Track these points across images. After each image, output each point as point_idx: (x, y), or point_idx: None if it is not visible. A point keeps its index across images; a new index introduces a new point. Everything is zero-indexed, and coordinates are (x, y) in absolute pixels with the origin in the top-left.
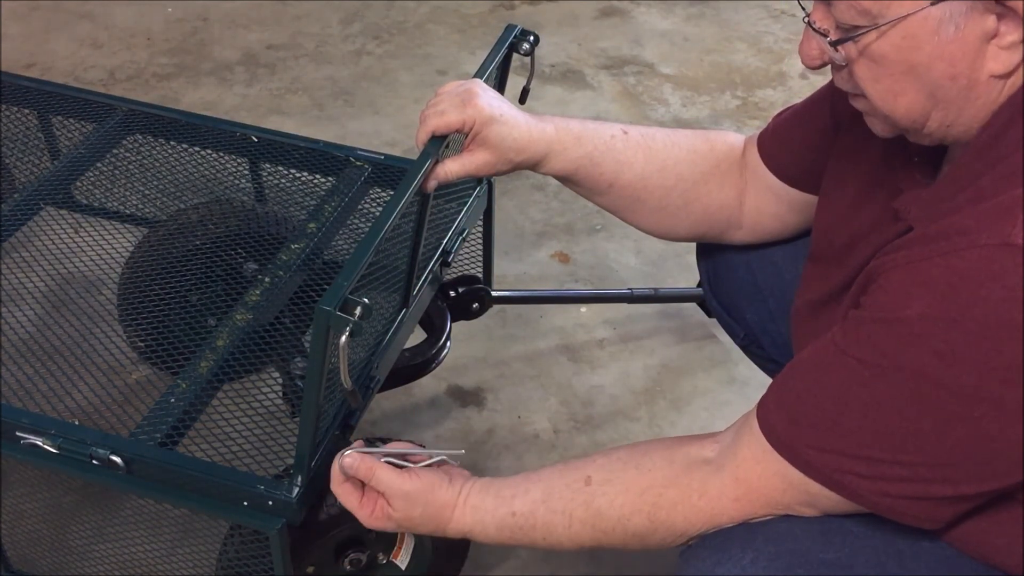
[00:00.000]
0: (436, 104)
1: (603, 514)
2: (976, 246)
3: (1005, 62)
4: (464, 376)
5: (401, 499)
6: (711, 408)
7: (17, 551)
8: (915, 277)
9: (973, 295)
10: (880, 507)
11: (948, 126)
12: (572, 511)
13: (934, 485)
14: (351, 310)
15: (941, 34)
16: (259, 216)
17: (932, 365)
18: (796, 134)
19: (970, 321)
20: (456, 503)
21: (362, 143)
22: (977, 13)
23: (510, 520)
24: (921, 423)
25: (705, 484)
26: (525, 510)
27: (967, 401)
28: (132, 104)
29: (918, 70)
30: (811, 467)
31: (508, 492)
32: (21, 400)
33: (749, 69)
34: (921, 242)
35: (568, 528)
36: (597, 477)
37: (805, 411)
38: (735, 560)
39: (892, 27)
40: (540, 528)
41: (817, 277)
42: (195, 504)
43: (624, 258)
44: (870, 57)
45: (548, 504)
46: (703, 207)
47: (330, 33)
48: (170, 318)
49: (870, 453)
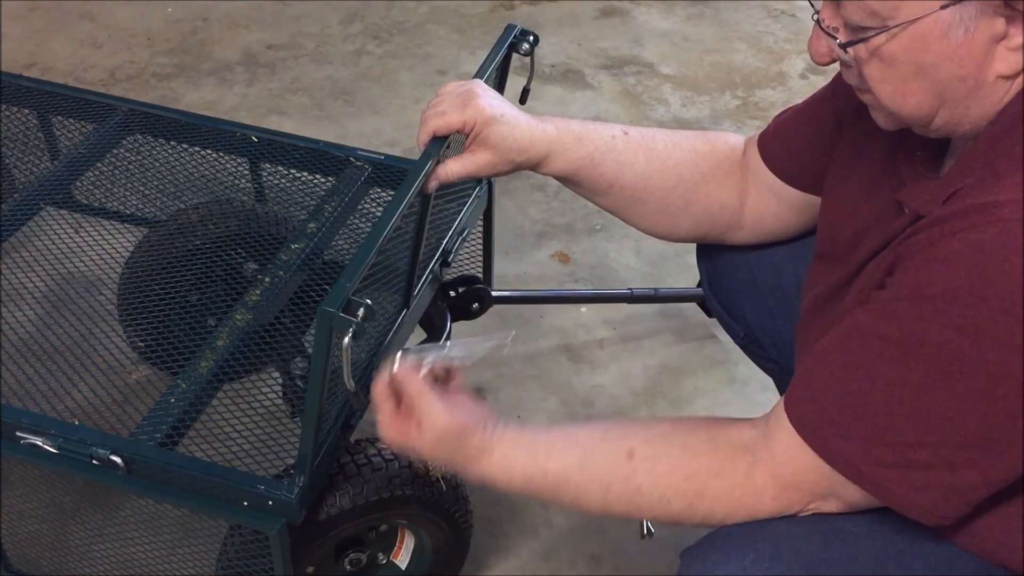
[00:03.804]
0: (437, 105)
1: (643, 492)
2: (998, 220)
3: (1013, 63)
4: (464, 376)
5: (434, 433)
6: (711, 408)
7: (17, 551)
8: (938, 254)
9: (997, 269)
10: (904, 504)
11: (955, 124)
12: (610, 483)
13: (957, 470)
14: (354, 311)
15: (951, 36)
16: (259, 216)
17: (956, 341)
18: (797, 134)
19: (993, 296)
20: (483, 446)
21: (362, 143)
22: (987, 16)
23: (540, 480)
24: (945, 401)
25: (749, 479)
26: (559, 471)
27: (990, 378)
28: (132, 104)
29: (927, 71)
30: (838, 458)
31: (542, 449)
32: (21, 400)
33: (749, 69)
34: (940, 222)
35: (604, 496)
36: (641, 452)
37: (831, 398)
38: (736, 561)
39: (903, 29)
40: (572, 491)
41: (823, 274)
42: (195, 504)
43: (624, 258)
44: (880, 58)
45: (586, 471)
46: (704, 208)
47: (330, 33)
48: (170, 318)
49: (895, 436)
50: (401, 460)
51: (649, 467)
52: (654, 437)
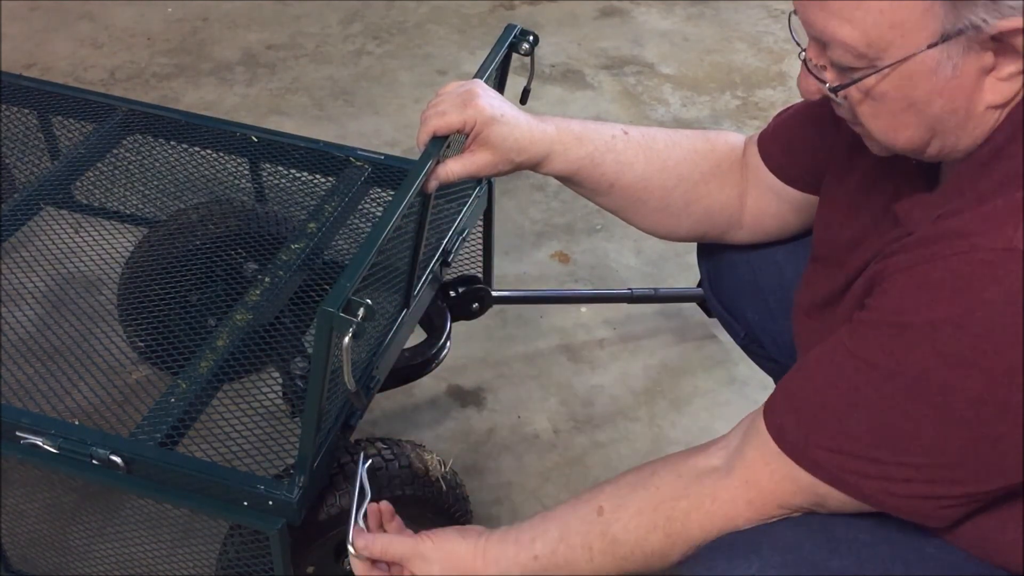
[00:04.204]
0: (437, 105)
1: (619, 540)
2: (978, 249)
3: (1004, 93)
4: (464, 376)
5: (419, 559)
6: (711, 408)
7: (17, 551)
8: (919, 280)
9: (976, 298)
10: (887, 506)
11: (947, 152)
12: (591, 544)
13: (941, 486)
14: (354, 311)
15: (939, 73)
16: (259, 216)
17: (938, 368)
18: (796, 134)
19: (973, 324)
20: (476, 556)
21: (362, 143)
22: (973, 51)
23: (533, 564)
24: (928, 425)
25: (716, 489)
26: (546, 551)
27: (973, 404)
28: (132, 104)
29: (918, 106)
30: (819, 467)
31: (527, 536)
32: (21, 400)
33: (749, 69)
34: (923, 244)
35: (590, 561)
36: (608, 505)
37: (813, 412)
38: (742, 568)
39: (892, 70)
40: (564, 567)
41: (819, 277)
42: (195, 504)
43: (624, 258)
44: (870, 96)
45: (567, 541)
46: (704, 207)
47: (330, 33)
48: (170, 318)
49: (877, 455)
50: (401, 460)
51: (619, 515)
52: (619, 488)
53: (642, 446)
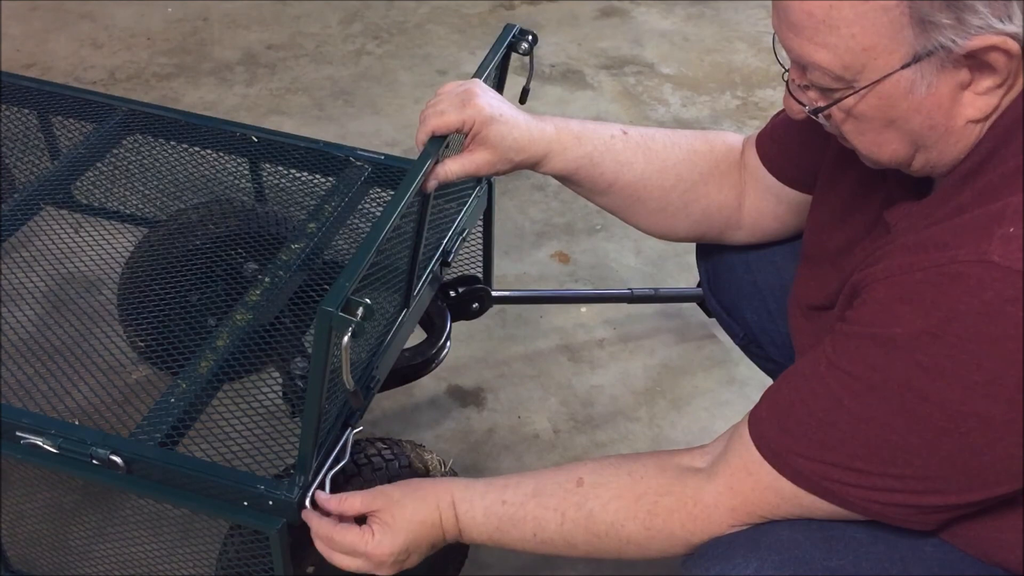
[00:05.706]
0: (436, 104)
1: (595, 517)
2: (955, 262)
3: (982, 107)
4: (464, 376)
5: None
6: (711, 408)
7: (17, 551)
8: (898, 292)
9: (952, 310)
10: (871, 512)
11: (932, 166)
12: (564, 509)
13: (924, 496)
14: (353, 311)
15: (915, 92)
16: (259, 216)
17: (919, 380)
18: (794, 135)
19: (951, 336)
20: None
21: (362, 143)
22: (948, 69)
23: (499, 508)
24: (909, 437)
25: (699, 492)
26: (516, 500)
27: (954, 416)
28: (132, 104)
29: (897, 123)
30: (801, 476)
31: (500, 482)
32: (21, 400)
33: (749, 69)
34: (901, 253)
35: (560, 526)
36: (589, 479)
37: (796, 422)
38: (739, 569)
39: (869, 90)
40: (530, 521)
41: (811, 278)
42: (195, 504)
43: (624, 258)
44: (852, 115)
45: (540, 499)
46: (703, 207)
47: (330, 33)
48: (170, 318)
49: (860, 465)
50: (401, 460)
51: (598, 492)
52: (602, 466)
53: (642, 446)
